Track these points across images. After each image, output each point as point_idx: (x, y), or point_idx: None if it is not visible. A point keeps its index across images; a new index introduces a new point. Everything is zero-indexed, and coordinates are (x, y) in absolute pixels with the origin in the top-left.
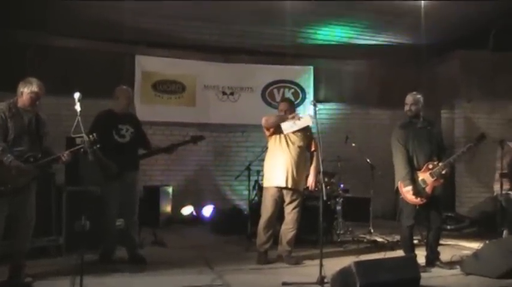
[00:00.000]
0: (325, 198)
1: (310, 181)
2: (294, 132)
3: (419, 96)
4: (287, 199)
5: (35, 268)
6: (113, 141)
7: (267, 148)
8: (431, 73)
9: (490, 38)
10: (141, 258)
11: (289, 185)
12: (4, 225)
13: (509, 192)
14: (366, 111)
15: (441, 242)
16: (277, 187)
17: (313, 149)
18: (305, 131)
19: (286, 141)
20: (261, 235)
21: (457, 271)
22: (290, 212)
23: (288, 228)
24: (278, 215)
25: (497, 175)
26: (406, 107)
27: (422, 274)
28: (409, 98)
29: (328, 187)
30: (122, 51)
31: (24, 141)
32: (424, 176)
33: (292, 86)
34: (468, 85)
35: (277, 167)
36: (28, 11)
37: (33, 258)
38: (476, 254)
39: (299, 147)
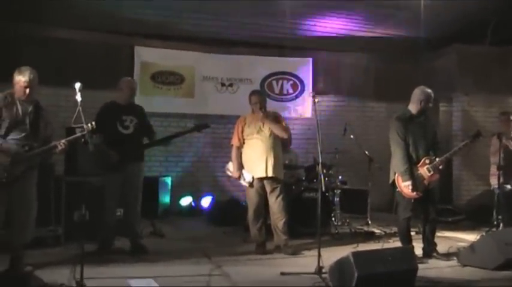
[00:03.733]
0: (323, 189)
1: None
2: (266, 122)
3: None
4: (268, 188)
5: (34, 257)
6: (117, 133)
7: None
8: (429, 67)
9: (488, 32)
10: (143, 248)
11: (269, 175)
12: (4, 215)
13: (506, 185)
14: (363, 104)
15: (438, 234)
16: (257, 178)
17: (285, 137)
18: (277, 119)
19: (260, 132)
20: (252, 228)
21: (453, 262)
22: (275, 201)
23: (276, 217)
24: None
25: (493, 168)
26: (420, 103)
27: (420, 265)
28: (425, 94)
29: (326, 179)
30: (120, 43)
31: (20, 131)
32: (421, 170)
33: (291, 77)
34: (466, 79)
35: (255, 159)
36: (27, 2)
37: (31, 248)
38: (472, 246)
39: (272, 136)
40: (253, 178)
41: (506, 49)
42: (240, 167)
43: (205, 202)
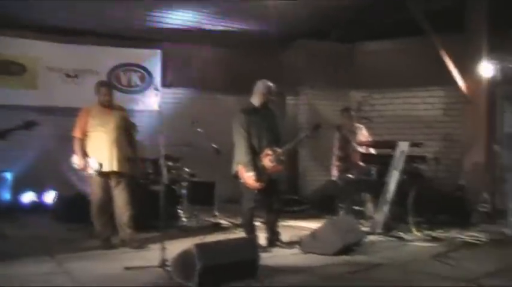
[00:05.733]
0: (166, 182)
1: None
2: (110, 114)
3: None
4: (113, 182)
5: None
6: None
7: None
8: (278, 61)
9: (334, 29)
10: None
11: (114, 169)
12: None
13: (346, 175)
14: (213, 97)
15: (283, 223)
16: (102, 172)
17: (131, 131)
18: (121, 112)
19: (104, 125)
20: (96, 223)
21: (296, 250)
22: (120, 195)
23: (121, 211)
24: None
25: (335, 160)
26: (263, 96)
27: (263, 254)
28: (267, 87)
29: (173, 171)
30: None
31: None
32: (264, 161)
33: (139, 69)
34: (311, 73)
35: (99, 152)
36: None
37: None
38: (313, 234)
39: (118, 129)
40: (100, 164)
41: (350, 46)
42: (85, 156)
43: (49, 197)
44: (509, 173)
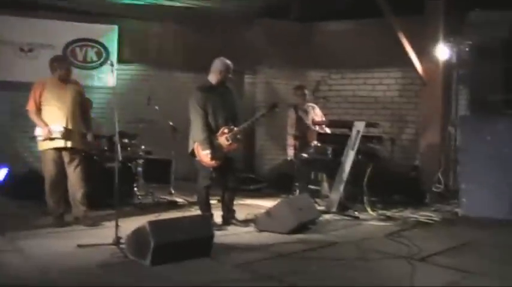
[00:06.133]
0: (120, 159)
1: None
2: (65, 89)
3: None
4: (67, 158)
5: None
6: None
7: None
8: (236, 39)
9: (293, 8)
10: None
11: (68, 145)
12: None
13: (302, 154)
14: (171, 74)
15: (240, 201)
16: (55, 148)
17: (86, 107)
18: (77, 87)
19: (59, 99)
20: (49, 200)
21: (251, 228)
22: (73, 172)
23: (75, 188)
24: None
25: (290, 139)
26: (220, 74)
27: (218, 232)
28: (225, 65)
29: (129, 149)
30: None
31: None
32: (220, 139)
33: (96, 45)
34: (270, 52)
35: (53, 128)
36: None
37: None
38: (269, 212)
39: (73, 104)
40: (64, 127)
41: (308, 25)
42: (46, 123)
43: (1, 174)
44: (462, 154)
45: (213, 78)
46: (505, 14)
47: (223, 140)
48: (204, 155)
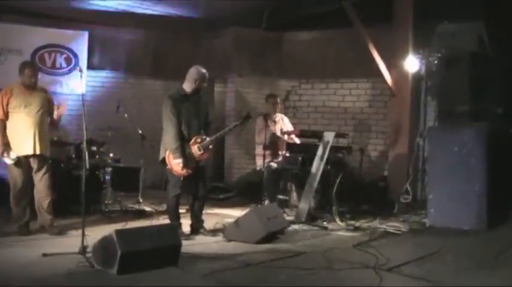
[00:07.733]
0: (87, 167)
1: None
2: (33, 95)
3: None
4: (34, 166)
5: None
6: None
7: None
8: (206, 47)
9: (263, 17)
10: None
11: (36, 152)
12: None
13: (271, 163)
14: (140, 81)
15: (208, 211)
16: (23, 156)
17: (55, 115)
18: (45, 94)
19: (27, 106)
20: (15, 208)
21: (219, 238)
22: (40, 180)
23: (42, 196)
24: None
25: (258, 148)
26: (195, 82)
27: (186, 242)
28: (200, 74)
29: (97, 157)
30: None
31: None
32: (192, 149)
33: (65, 51)
34: (240, 61)
35: (21, 135)
36: None
37: None
38: (237, 222)
39: (41, 111)
40: (18, 157)
41: (279, 34)
42: (4, 141)
43: None
44: (430, 165)
45: (187, 86)
46: (473, 25)
47: (195, 149)
48: (176, 163)
